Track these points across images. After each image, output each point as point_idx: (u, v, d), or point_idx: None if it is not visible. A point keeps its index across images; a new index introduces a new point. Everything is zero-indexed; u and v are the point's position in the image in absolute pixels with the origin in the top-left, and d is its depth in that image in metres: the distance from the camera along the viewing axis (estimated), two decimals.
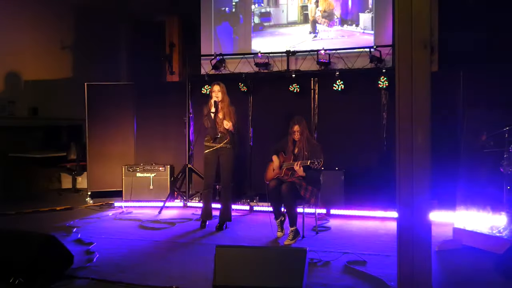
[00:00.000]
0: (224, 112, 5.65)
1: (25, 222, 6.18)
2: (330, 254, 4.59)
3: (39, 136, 8.57)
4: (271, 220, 5.43)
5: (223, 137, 5.65)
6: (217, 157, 5.70)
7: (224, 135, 5.64)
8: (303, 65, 7.25)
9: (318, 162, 4.99)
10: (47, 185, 8.75)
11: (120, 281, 3.85)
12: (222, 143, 5.64)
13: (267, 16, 7.69)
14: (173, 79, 8.26)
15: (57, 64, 9.04)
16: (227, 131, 5.62)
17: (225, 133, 5.63)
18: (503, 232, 4.65)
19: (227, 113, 5.64)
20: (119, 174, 7.43)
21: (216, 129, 5.63)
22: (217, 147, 5.66)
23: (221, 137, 5.65)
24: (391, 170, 3.47)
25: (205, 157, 5.76)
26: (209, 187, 5.80)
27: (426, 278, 2.95)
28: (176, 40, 8.33)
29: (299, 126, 5.27)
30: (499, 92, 5.87)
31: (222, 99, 5.66)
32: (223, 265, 3.54)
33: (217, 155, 5.69)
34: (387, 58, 6.76)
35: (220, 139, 5.65)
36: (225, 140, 5.64)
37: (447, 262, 4.35)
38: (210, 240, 5.26)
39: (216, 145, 5.66)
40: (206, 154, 5.74)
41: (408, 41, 2.92)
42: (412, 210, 2.93)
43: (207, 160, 5.74)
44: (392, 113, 5.70)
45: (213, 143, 5.66)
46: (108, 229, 5.79)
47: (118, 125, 7.79)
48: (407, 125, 2.93)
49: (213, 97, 5.65)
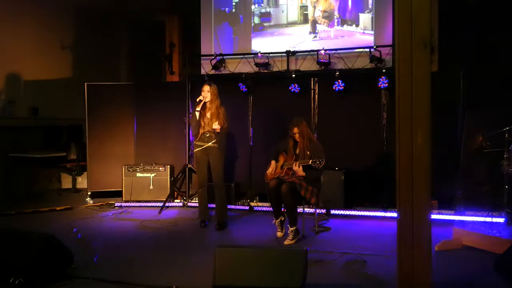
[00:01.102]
0: (212, 112, 5.66)
1: (25, 222, 6.17)
2: (330, 254, 4.59)
3: (39, 136, 8.56)
4: (271, 220, 5.43)
5: (211, 137, 5.66)
6: (207, 156, 5.72)
7: (211, 134, 5.66)
8: (303, 65, 7.25)
9: (320, 162, 4.99)
10: (47, 185, 8.74)
11: (120, 281, 3.85)
12: (210, 142, 5.66)
13: (267, 16, 7.69)
14: (173, 79, 8.26)
15: (57, 64, 9.03)
16: (214, 131, 5.64)
17: (212, 132, 5.65)
18: (503, 232, 4.66)
19: (214, 113, 5.65)
20: (119, 174, 7.43)
21: (199, 127, 5.67)
22: (205, 146, 5.68)
23: (209, 136, 5.67)
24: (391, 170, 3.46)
25: (195, 156, 5.85)
26: (203, 186, 5.82)
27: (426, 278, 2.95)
28: (176, 40, 8.33)
29: (299, 128, 5.27)
30: (499, 92, 5.88)
31: (210, 100, 5.67)
32: (223, 265, 3.54)
33: (206, 154, 5.72)
34: (387, 58, 6.76)
35: (209, 139, 5.67)
36: (213, 140, 5.66)
37: (447, 262, 4.35)
38: (210, 240, 5.27)
39: (204, 144, 5.68)
40: (195, 153, 5.80)
41: (408, 41, 2.92)
42: (412, 210, 2.93)
43: (197, 159, 5.80)
44: (392, 113, 5.70)
45: (201, 141, 5.70)
46: (108, 229, 5.80)
47: (118, 125, 7.79)
48: (407, 125, 2.93)
49: (201, 97, 5.68)
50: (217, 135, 5.65)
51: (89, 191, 7.66)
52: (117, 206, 7.09)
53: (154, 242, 5.24)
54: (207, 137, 5.68)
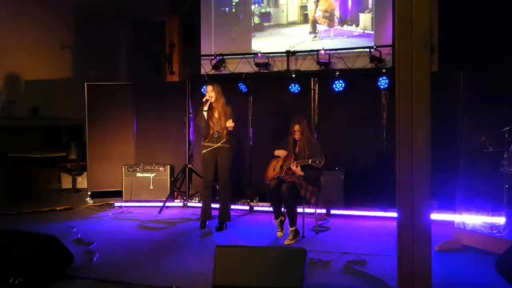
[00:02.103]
0: (219, 111, 5.65)
1: (25, 222, 6.17)
2: (330, 254, 4.59)
3: (39, 136, 8.57)
4: (271, 220, 5.43)
5: (220, 137, 5.65)
6: (215, 157, 5.71)
7: (221, 134, 5.65)
8: (303, 65, 7.25)
9: (319, 161, 4.99)
10: (47, 185, 8.74)
11: (120, 281, 3.85)
12: (219, 142, 5.64)
13: (267, 16, 7.69)
14: (173, 79, 8.26)
15: (57, 64, 9.04)
16: (226, 130, 5.62)
17: (222, 132, 5.64)
18: (503, 232, 4.65)
19: (222, 112, 5.64)
20: (119, 174, 7.44)
21: (210, 128, 5.65)
22: (214, 146, 5.66)
23: (218, 136, 5.66)
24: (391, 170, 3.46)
25: (203, 157, 5.78)
26: (208, 187, 5.80)
27: (426, 278, 2.95)
28: (176, 40, 8.32)
29: (300, 126, 5.27)
30: (499, 92, 5.87)
31: (216, 99, 5.66)
32: (223, 265, 3.54)
33: (215, 155, 5.70)
34: (387, 58, 6.76)
35: (218, 139, 5.65)
36: (222, 140, 5.65)
37: (447, 262, 4.35)
38: (210, 240, 5.26)
39: (213, 145, 5.66)
40: (204, 153, 5.75)
41: (408, 41, 2.92)
42: (412, 210, 2.93)
43: (205, 159, 5.75)
44: (392, 113, 5.70)
45: (210, 142, 5.67)
46: (108, 229, 5.80)
47: (118, 125, 7.79)
48: (407, 125, 2.93)
49: (207, 96, 5.68)
50: (228, 135, 5.64)
51: (89, 191, 7.66)
52: (117, 206, 7.09)
53: (154, 242, 5.23)
54: (215, 137, 5.66)
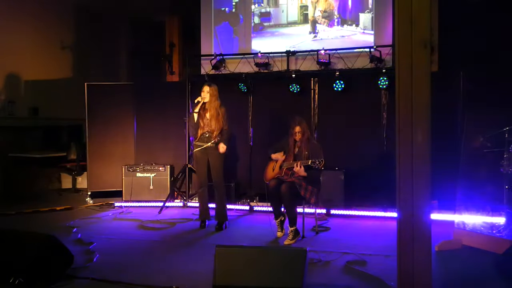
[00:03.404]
0: (211, 114, 5.65)
1: (25, 222, 6.18)
2: (330, 254, 4.59)
3: (39, 136, 8.57)
4: (271, 220, 5.43)
5: (211, 137, 5.66)
6: (206, 156, 5.72)
7: (211, 134, 5.66)
8: (303, 65, 7.25)
9: (319, 162, 4.99)
10: (47, 185, 8.74)
11: (120, 281, 3.85)
12: (209, 142, 5.66)
13: (267, 16, 7.69)
14: (173, 79, 8.26)
15: (57, 64, 9.04)
16: (218, 131, 5.63)
17: (212, 132, 5.65)
18: (503, 232, 4.65)
19: (214, 115, 5.64)
20: (119, 174, 7.44)
21: (199, 128, 5.68)
22: (205, 146, 5.67)
23: (209, 136, 5.67)
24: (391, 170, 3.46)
25: (195, 156, 5.83)
26: (203, 186, 5.82)
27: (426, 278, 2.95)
28: (176, 40, 8.33)
29: (301, 127, 5.27)
30: (499, 92, 5.87)
31: (209, 101, 5.66)
32: (223, 265, 3.54)
33: (206, 154, 5.71)
34: (387, 58, 6.76)
35: (208, 139, 5.67)
36: (212, 140, 5.65)
37: (447, 262, 4.35)
38: (210, 240, 5.26)
39: (204, 144, 5.68)
40: (195, 153, 5.79)
41: (408, 41, 2.92)
42: (412, 210, 2.93)
43: (197, 158, 5.79)
44: (392, 113, 5.69)
45: (201, 142, 5.70)
46: (108, 229, 5.80)
47: (118, 125, 7.79)
48: (407, 125, 2.92)
49: (199, 98, 5.68)
50: (217, 136, 5.65)
51: (89, 191, 7.66)
52: (117, 206, 7.09)
53: (153, 242, 5.23)
54: (206, 137, 5.68)
